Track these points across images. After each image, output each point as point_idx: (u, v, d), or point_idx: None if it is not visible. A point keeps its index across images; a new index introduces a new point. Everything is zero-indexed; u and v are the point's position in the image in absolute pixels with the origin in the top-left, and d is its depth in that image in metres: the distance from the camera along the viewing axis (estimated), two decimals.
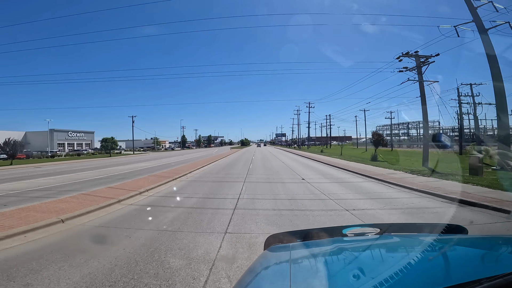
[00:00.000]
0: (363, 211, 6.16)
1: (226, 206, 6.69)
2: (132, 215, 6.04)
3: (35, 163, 27.00)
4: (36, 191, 9.12)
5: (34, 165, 24.03)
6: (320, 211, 6.21)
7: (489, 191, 7.65)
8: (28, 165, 24.47)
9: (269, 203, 7.02)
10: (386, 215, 5.85)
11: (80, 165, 22.82)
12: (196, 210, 6.31)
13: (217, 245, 4.07)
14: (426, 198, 7.48)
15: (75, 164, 24.52)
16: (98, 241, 4.56)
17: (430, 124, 45.39)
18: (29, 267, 3.33)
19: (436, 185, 8.99)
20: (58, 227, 5.01)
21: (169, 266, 3.34)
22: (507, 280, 0.66)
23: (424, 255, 1.05)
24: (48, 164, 25.21)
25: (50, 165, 24.56)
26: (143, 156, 41.34)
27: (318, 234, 1.63)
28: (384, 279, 0.80)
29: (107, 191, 8.55)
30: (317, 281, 0.97)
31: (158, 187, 9.71)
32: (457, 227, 1.58)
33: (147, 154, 47.67)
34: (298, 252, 1.37)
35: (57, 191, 9.17)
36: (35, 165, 23.98)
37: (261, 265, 1.26)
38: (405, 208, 6.44)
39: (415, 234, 1.64)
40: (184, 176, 12.87)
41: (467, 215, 5.66)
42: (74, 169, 19.15)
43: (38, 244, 4.19)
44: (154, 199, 7.89)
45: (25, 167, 22.73)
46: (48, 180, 12.40)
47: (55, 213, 5.67)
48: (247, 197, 7.92)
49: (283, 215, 5.89)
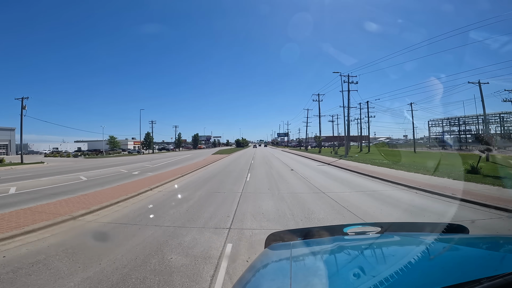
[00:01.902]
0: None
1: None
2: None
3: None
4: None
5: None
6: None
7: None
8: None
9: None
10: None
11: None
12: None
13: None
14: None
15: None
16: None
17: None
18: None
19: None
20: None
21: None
22: (507, 280, 0.66)
23: (425, 254, 1.05)
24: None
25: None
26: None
27: (319, 233, 1.63)
28: (384, 278, 0.81)
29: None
30: (318, 279, 0.97)
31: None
32: (458, 226, 1.58)
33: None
34: (299, 250, 1.38)
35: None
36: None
37: (262, 262, 1.27)
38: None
39: (416, 233, 1.63)
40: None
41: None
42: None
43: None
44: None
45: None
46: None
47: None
48: None
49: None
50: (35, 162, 28.13)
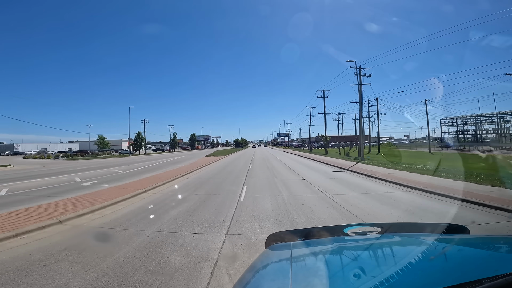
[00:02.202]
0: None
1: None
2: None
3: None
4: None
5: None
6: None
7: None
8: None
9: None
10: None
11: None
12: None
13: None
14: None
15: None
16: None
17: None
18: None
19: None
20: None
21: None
22: (507, 281, 0.66)
23: (425, 255, 1.05)
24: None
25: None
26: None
27: (319, 233, 1.62)
28: (385, 279, 0.81)
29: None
30: (318, 279, 0.97)
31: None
32: (459, 226, 1.57)
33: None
34: (299, 250, 1.38)
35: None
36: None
37: (262, 263, 1.27)
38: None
39: (416, 234, 1.63)
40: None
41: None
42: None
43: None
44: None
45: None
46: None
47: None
48: None
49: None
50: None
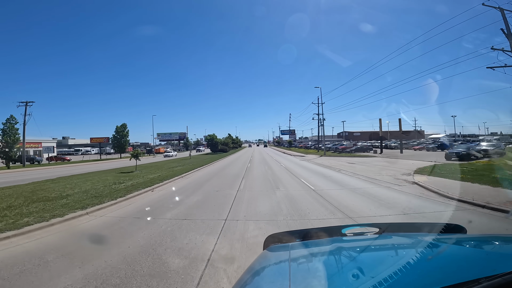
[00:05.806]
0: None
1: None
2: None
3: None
4: None
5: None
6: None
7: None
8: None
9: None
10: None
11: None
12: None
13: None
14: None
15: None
16: None
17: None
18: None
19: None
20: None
21: None
22: (505, 280, 0.66)
23: (423, 255, 1.05)
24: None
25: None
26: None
27: (318, 234, 1.62)
28: (383, 279, 0.81)
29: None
30: (317, 280, 0.97)
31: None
32: (456, 226, 1.58)
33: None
34: (298, 251, 1.37)
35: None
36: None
37: (260, 264, 1.26)
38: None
39: (414, 234, 1.63)
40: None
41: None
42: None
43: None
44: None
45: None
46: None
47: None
48: None
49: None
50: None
